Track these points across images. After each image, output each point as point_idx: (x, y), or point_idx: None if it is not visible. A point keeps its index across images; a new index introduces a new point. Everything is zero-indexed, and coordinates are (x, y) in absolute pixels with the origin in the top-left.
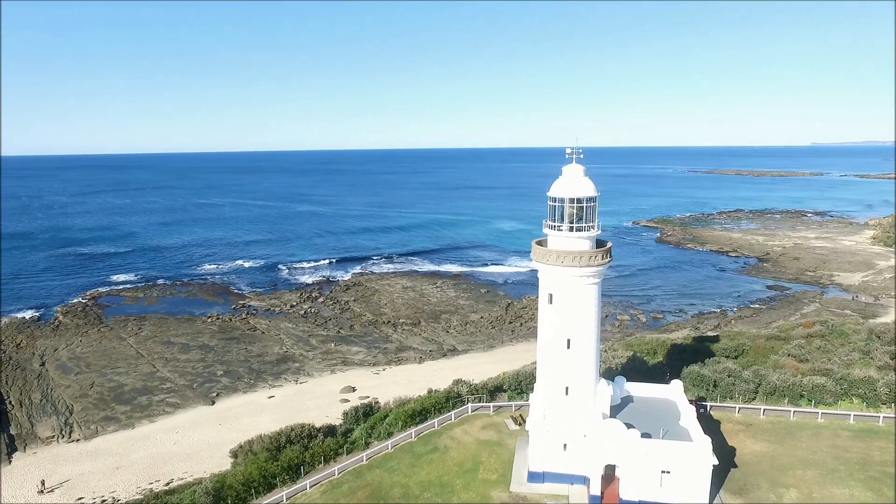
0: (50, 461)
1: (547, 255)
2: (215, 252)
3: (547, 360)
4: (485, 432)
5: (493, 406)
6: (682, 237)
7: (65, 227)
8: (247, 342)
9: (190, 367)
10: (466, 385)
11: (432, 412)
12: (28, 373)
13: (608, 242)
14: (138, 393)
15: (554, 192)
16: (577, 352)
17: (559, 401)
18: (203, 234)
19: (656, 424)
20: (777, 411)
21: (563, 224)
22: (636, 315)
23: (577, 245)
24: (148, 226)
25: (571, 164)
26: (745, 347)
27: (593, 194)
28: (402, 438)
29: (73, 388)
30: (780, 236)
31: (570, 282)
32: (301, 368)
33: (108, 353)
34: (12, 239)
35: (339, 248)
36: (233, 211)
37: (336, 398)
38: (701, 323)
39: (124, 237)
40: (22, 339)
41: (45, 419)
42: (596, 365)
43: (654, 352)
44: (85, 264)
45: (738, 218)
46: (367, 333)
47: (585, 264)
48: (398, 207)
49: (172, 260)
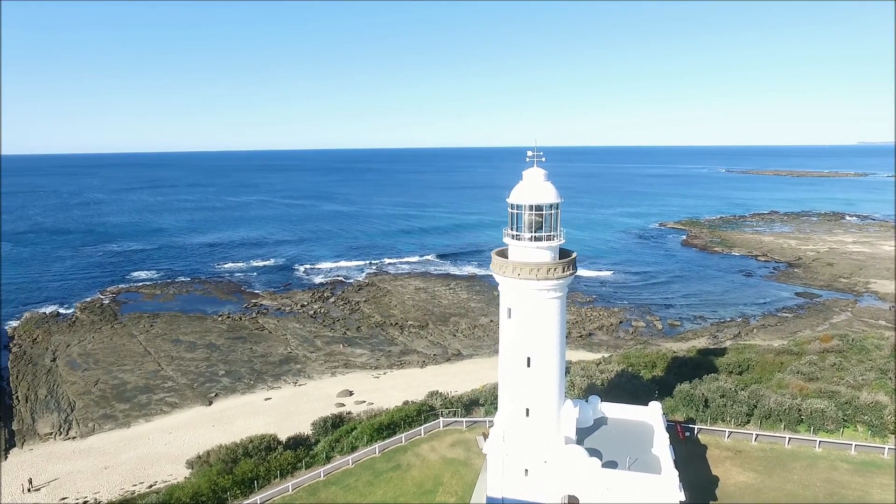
0: (43, 459)
1: (504, 267)
2: (236, 250)
3: (506, 379)
4: (453, 450)
5: (467, 421)
6: (708, 240)
7: (98, 223)
8: (252, 342)
9: (193, 366)
10: (441, 397)
11: (402, 426)
12: (39, 368)
13: (573, 253)
14: (140, 391)
15: (513, 199)
16: (538, 371)
17: (519, 423)
18: (227, 232)
19: (626, 451)
20: (771, 437)
21: (522, 233)
22: (652, 322)
23: (537, 256)
24: (176, 223)
25: (532, 168)
26: (751, 363)
27: (555, 201)
28: (365, 454)
29: (79, 385)
30: (814, 240)
31: (529, 295)
32: (302, 370)
33: (117, 350)
34: (48, 234)
35: (358, 247)
36: (259, 209)
37: (332, 402)
38: (720, 331)
39: (152, 234)
40: (39, 334)
41: (47, 415)
42: (559, 385)
43: (653, 365)
44: (111, 261)
45: (770, 220)
46: (373, 335)
47: (543, 277)
48: (421, 207)
49: (194, 257)
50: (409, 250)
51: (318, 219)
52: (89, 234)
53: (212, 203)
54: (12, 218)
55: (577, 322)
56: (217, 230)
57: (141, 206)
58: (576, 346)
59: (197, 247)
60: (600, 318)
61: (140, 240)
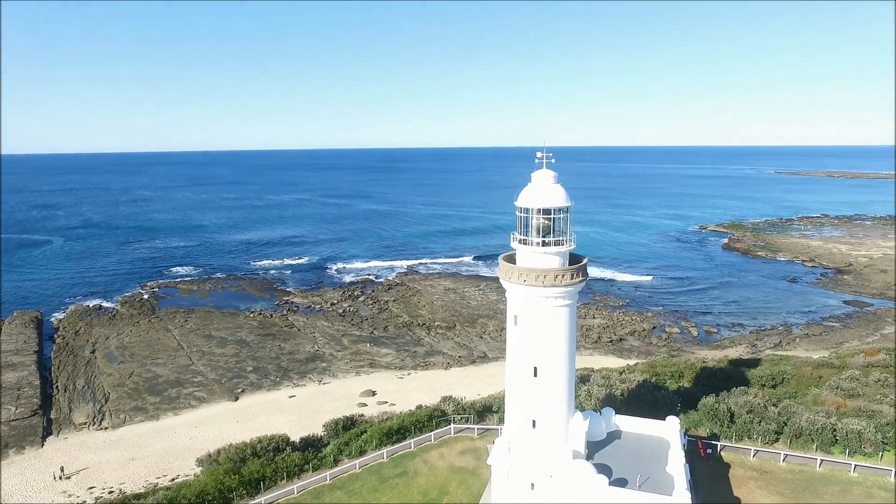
0: (76, 448)
1: (509, 273)
2: (272, 248)
3: (513, 389)
4: (462, 458)
5: (479, 429)
6: (752, 244)
7: (144, 219)
8: (282, 339)
9: (223, 361)
10: (453, 403)
11: (412, 431)
12: (79, 359)
13: (584, 258)
14: (170, 385)
15: (521, 202)
16: (544, 381)
17: (525, 434)
18: (265, 230)
19: (638, 468)
20: (801, 458)
21: (531, 238)
22: (687, 328)
23: (544, 262)
24: (216, 220)
25: (541, 170)
26: (786, 376)
27: (565, 204)
28: (373, 458)
29: (114, 377)
30: (867, 245)
31: (536, 303)
32: (328, 368)
33: (152, 343)
34: (97, 229)
35: (391, 246)
36: (296, 207)
37: (354, 402)
38: (759, 340)
39: (193, 231)
40: (82, 326)
41: (83, 405)
42: (567, 397)
43: (680, 375)
44: (153, 256)
45: (820, 224)
46: (400, 335)
47: (550, 283)
48: (456, 207)
49: (231, 254)
50: (441, 250)
51: (354, 218)
52: (135, 231)
53: (252, 201)
54: (66, 214)
55: (607, 326)
56: (255, 228)
57: (184, 204)
58: (605, 352)
59: (235, 244)
60: (633, 322)
61: (181, 236)
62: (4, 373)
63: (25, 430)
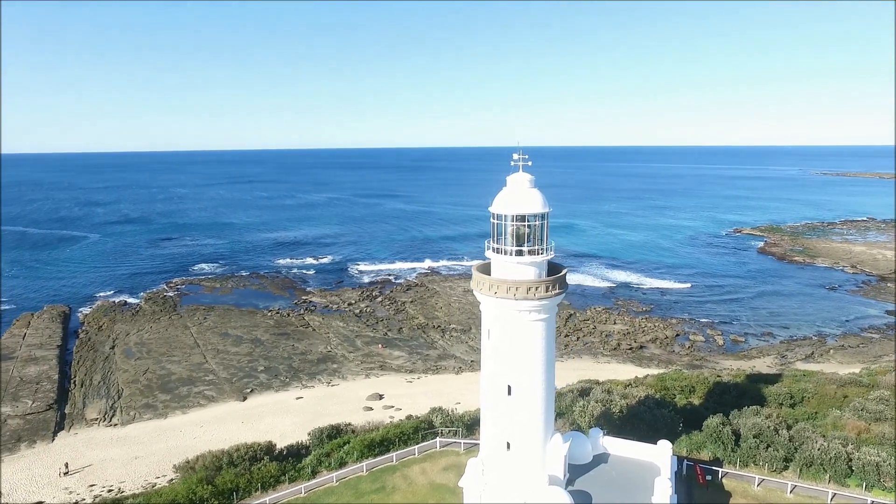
0: (84, 444)
1: (480, 284)
2: (298, 247)
3: (487, 408)
4: (444, 475)
5: (466, 443)
6: (789, 248)
7: (178, 216)
8: (295, 339)
9: (236, 360)
10: (442, 414)
11: (396, 443)
12: (98, 354)
13: (563, 269)
14: (182, 383)
15: (495, 208)
16: (519, 401)
17: (500, 456)
18: (292, 228)
19: (622, 496)
20: (812, 490)
21: (504, 246)
22: (713, 336)
23: (519, 273)
24: (246, 219)
25: (517, 174)
26: (807, 394)
27: (541, 210)
28: (352, 471)
29: (129, 373)
30: None
31: (509, 317)
32: (338, 370)
33: (169, 340)
34: (132, 225)
35: (415, 246)
36: (326, 206)
37: (360, 405)
38: (790, 350)
39: (223, 228)
40: (105, 321)
41: (97, 401)
42: (545, 417)
43: (691, 390)
44: (182, 253)
45: (865, 228)
46: (414, 337)
47: (523, 296)
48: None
49: (257, 252)
50: (465, 251)
51: (381, 217)
52: (168, 228)
53: (283, 200)
54: (105, 211)
55: (628, 333)
56: (283, 226)
57: (218, 201)
58: (623, 360)
59: (261, 242)
60: (655, 329)
61: (211, 234)
62: (27, 367)
63: (38, 424)
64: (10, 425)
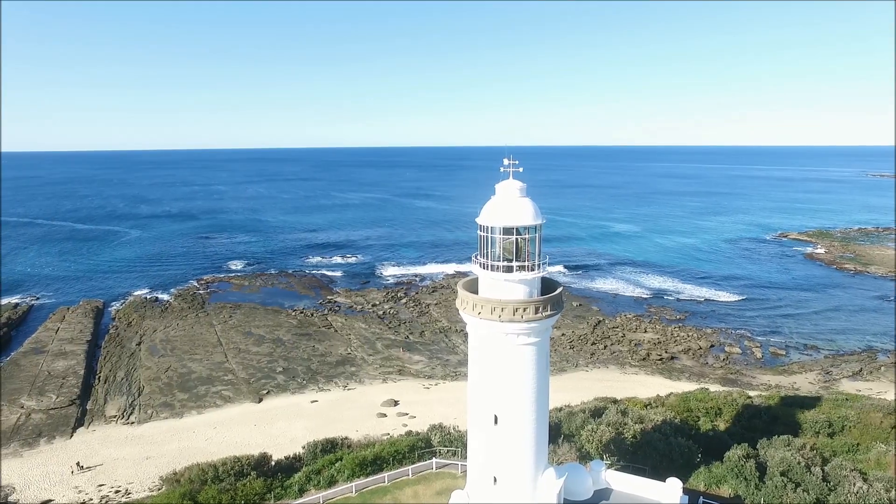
0: (99, 441)
1: (465, 303)
2: (328, 246)
3: (473, 436)
4: (437, 499)
5: (464, 465)
6: (838, 255)
7: (216, 214)
8: (316, 339)
9: (256, 360)
10: (441, 432)
11: (390, 463)
12: (125, 351)
13: (559, 287)
14: (201, 382)
15: (482, 219)
16: (506, 432)
17: (486, 490)
18: (324, 227)
19: None
20: None
21: (491, 262)
22: (750, 348)
23: (508, 291)
24: (281, 217)
25: (507, 181)
26: (849, 422)
27: (533, 222)
28: (340, 491)
29: (152, 370)
30: None
31: (496, 340)
32: (356, 373)
33: (194, 338)
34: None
35: (445, 247)
36: (358, 205)
37: (374, 411)
38: (835, 366)
39: (257, 226)
40: (135, 317)
41: (118, 398)
42: (535, 450)
43: (717, 412)
44: (215, 250)
45: None
46: (435, 341)
47: (509, 318)
48: None
49: (288, 251)
50: None
51: (413, 217)
52: (205, 225)
53: (318, 199)
54: (149, 206)
55: (659, 342)
56: (314, 224)
57: (254, 198)
58: (651, 371)
59: (293, 241)
60: (688, 339)
61: (245, 231)
62: (55, 361)
63: (59, 420)
64: (32, 420)
